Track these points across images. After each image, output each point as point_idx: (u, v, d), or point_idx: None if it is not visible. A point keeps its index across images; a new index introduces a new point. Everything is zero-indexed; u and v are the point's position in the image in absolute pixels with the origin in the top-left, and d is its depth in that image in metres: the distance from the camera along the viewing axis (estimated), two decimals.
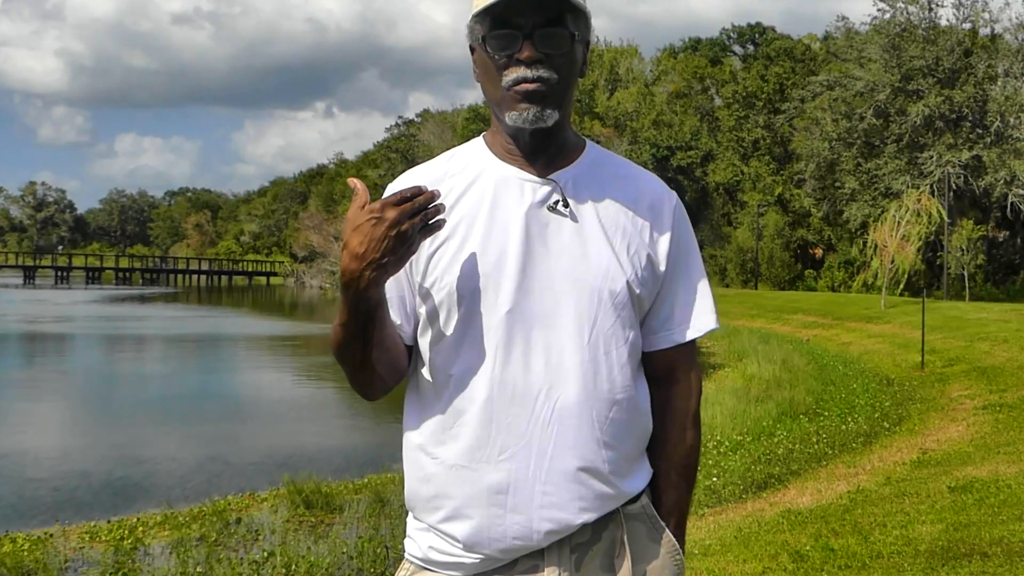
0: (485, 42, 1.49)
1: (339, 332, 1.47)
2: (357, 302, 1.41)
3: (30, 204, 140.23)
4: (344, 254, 1.39)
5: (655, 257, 1.55)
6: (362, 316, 1.43)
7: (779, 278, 48.34)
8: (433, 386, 1.51)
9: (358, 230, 1.37)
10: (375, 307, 1.43)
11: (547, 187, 1.52)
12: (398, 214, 1.36)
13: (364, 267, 1.37)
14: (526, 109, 1.47)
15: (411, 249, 1.40)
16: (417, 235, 1.39)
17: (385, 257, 1.37)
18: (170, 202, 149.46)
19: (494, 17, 1.47)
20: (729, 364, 17.87)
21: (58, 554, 6.09)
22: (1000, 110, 37.06)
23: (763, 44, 62.72)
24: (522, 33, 1.45)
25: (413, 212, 1.37)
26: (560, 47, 1.47)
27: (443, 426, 1.49)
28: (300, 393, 16.38)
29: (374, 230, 1.36)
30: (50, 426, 12.51)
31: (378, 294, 1.42)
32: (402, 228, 1.36)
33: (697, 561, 4.98)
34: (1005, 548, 4.64)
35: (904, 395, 12.54)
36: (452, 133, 62.51)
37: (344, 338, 1.46)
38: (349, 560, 5.93)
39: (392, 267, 1.39)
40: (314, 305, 50.43)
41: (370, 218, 1.36)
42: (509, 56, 1.47)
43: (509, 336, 1.46)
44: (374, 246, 1.36)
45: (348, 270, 1.39)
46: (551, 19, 1.46)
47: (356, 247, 1.37)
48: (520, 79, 1.46)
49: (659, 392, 1.61)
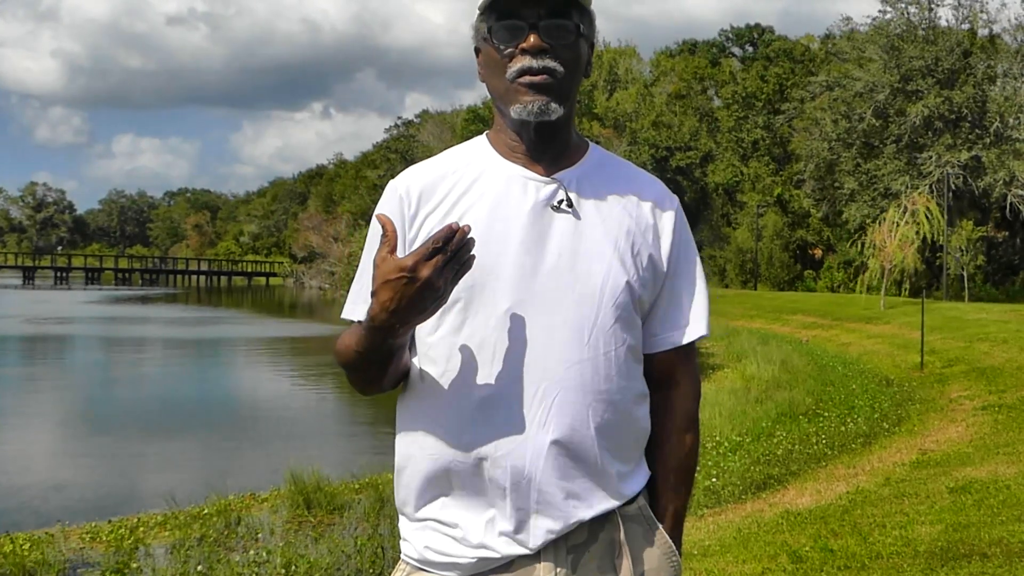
0: (491, 34, 1.50)
1: (354, 357, 1.47)
2: (382, 346, 1.41)
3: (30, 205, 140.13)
4: (374, 303, 1.37)
5: (657, 258, 1.56)
6: (384, 356, 1.44)
7: (778, 279, 48.35)
8: (430, 383, 1.51)
9: (388, 285, 1.34)
10: (398, 349, 1.45)
11: (551, 186, 1.52)
12: (432, 273, 1.33)
13: (395, 320, 1.37)
14: (531, 101, 1.47)
15: (443, 301, 1.39)
16: (449, 286, 1.37)
17: (417, 312, 1.37)
18: (170, 203, 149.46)
19: (500, 11, 1.48)
20: (728, 365, 17.88)
21: (59, 554, 6.09)
22: (999, 111, 37.07)
23: (762, 45, 62.75)
24: (527, 24, 1.46)
25: (446, 263, 1.34)
26: (565, 39, 1.48)
27: (439, 424, 1.49)
28: (301, 393, 16.38)
29: (405, 289, 1.34)
30: (51, 426, 12.52)
31: (404, 340, 1.44)
32: (435, 286, 1.34)
33: (696, 562, 4.98)
34: (1004, 549, 4.65)
35: (903, 396, 12.54)
36: (451, 134, 62.48)
37: (357, 363, 1.47)
38: (348, 560, 5.93)
39: (422, 319, 1.39)
40: (314, 306, 50.42)
41: (400, 276, 1.33)
42: (514, 47, 1.47)
43: (507, 333, 1.46)
44: (406, 304, 1.35)
45: (377, 320, 1.37)
46: (556, 11, 1.47)
47: (386, 302, 1.35)
48: (525, 69, 1.47)
49: (658, 394, 1.61)
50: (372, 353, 1.43)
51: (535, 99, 1.47)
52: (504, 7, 1.48)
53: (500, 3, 1.48)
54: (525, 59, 1.47)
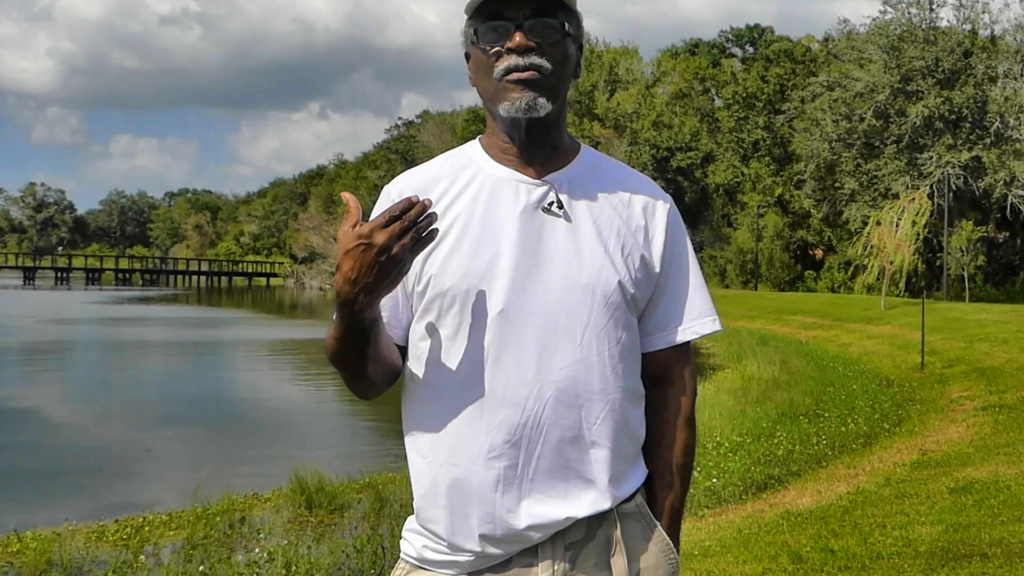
0: (478, 36, 1.52)
1: (335, 345, 1.48)
2: (352, 322, 1.42)
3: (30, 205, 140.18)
4: (337, 276, 1.39)
5: (649, 258, 1.57)
6: (358, 334, 1.44)
7: (779, 279, 48.35)
8: (425, 386, 1.53)
9: (348, 255, 1.37)
10: (370, 325, 1.44)
11: (542, 188, 1.53)
12: (387, 238, 1.35)
13: (358, 291, 1.38)
14: (519, 97, 1.48)
15: (404, 269, 1.40)
16: (409, 255, 1.38)
17: (378, 281, 1.38)
18: (170, 203, 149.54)
19: (486, 13, 1.50)
20: (729, 365, 17.88)
21: (66, 553, 6.12)
22: (1000, 111, 37.09)
23: (762, 45, 62.75)
24: (513, 23, 1.48)
25: (403, 232, 1.35)
26: (551, 37, 1.49)
27: (435, 425, 1.51)
28: (302, 394, 16.40)
29: (364, 256, 1.36)
30: (54, 427, 12.53)
31: (373, 314, 1.44)
32: (392, 252, 1.36)
33: (697, 562, 5.00)
34: (1005, 549, 4.67)
35: (904, 396, 12.55)
36: (452, 135, 62.49)
37: (339, 351, 1.48)
38: (348, 560, 5.96)
39: (386, 289, 1.40)
40: (314, 306, 50.42)
41: (358, 244, 1.36)
42: (501, 47, 1.49)
43: (501, 336, 1.47)
44: (365, 271, 1.36)
45: (342, 292, 1.39)
46: (541, 11, 1.49)
47: (348, 272, 1.37)
48: (512, 67, 1.48)
49: (654, 393, 1.62)
50: (346, 335, 1.44)
51: (523, 95, 1.48)
52: (490, 9, 1.49)
53: (486, 5, 1.49)
54: (512, 58, 1.48)
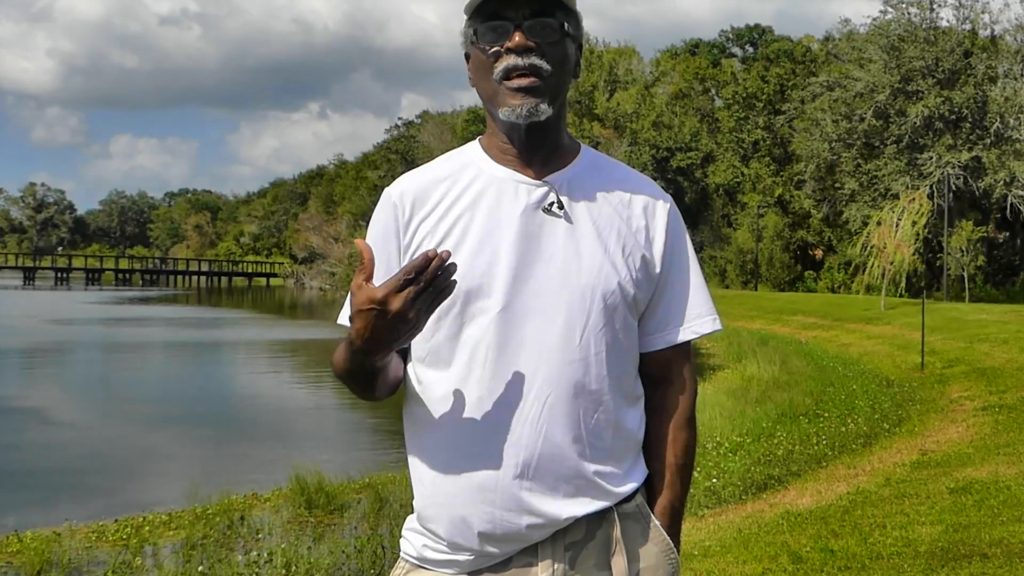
0: (477, 36, 1.51)
1: (342, 372, 1.49)
2: (363, 365, 1.43)
3: (30, 205, 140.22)
4: (351, 328, 1.39)
5: (650, 258, 1.57)
6: (367, 370, 1.45)
7: (779, 279, 48.34)
8: (425, 387, 1.53)
9: (361, 315, 1.35)
10: (382, 367, 1.46)
11: (542, 189, 1.53)
12: (402, 304, 1.32)
13: (370, 347, 1.38)
14: (520, 104, 1.47)
15: (419, 327, 1.38)
16: (424, 315, 1.36)
17: (392, 340, 1.37)
18: (170, 203, 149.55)
19: (485, 13, 1.50)
20: (729, 365, 17.88)
21: (65, 553, 6.13)
22: (1000, 111, 37.09)
23: (762, 45, 62.76)
24: (512, 23, 1.47)
25: (417, 294, 1.32)
26: (550, 36, 1.49)
27: (435, 425, 1.51)
28: (302, 394, 16.40)
29: (377, 320, 1.34)
30: (54, 427, 12.53)
31: (386, 361, 1.45)
32: (408, 317, 1.33)
33: (697, 562, 5.00)
34: (1005, 549, 4.67)
35: (904, 396, 12.54)
36: (452, 135, 62.49)
37: (346, 378, 1.50)
38: (347, 560, 5.96)
39: (399, 345, 1.40)
40: (314, 306, 50.43)
41: (371, 308, 1.33)
42: (500, 47, 1.48)
43: (501, 336, 1.47)
44: (378, 334, 1.36)
45: (355, 344, 1.39)
46: (540, 11, 1.48)
47: (361, 330, 1.36)
48: (511, 68, 1.47)
49: (654, 392, 1.63)
50: (357, 372, 1.45)
51: (524, 102, 1.47)
52: (489, 9, 1.49)
53: (485, 5, 1.49)
54: (511, 58, 1.47)
